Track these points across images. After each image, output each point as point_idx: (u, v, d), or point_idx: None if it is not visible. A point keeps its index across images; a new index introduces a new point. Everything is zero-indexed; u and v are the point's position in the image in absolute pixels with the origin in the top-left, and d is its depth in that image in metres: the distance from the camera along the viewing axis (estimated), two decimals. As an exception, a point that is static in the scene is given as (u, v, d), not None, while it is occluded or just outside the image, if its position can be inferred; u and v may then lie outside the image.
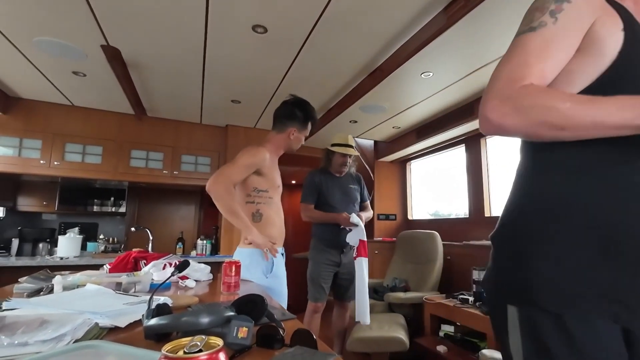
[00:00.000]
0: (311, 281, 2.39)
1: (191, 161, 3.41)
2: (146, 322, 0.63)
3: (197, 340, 0.32)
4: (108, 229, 4.30)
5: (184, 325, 0.62)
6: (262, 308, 0.78)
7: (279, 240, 1.62)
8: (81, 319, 0.63)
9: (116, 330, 0.73)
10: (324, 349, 0.65)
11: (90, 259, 2.70)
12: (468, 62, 2.11)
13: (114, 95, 2.70)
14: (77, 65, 2.22)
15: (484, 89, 2.60)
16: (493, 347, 1.86)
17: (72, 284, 1.03)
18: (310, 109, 1.64)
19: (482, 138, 3.06)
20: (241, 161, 1.46)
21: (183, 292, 1.30)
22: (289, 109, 1.61)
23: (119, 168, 3.08)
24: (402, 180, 4.17)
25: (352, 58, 2.10)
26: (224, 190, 1.40)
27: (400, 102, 2.81)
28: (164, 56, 2.10)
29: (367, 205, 2.60)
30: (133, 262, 1.64)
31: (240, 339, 0.62)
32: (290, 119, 1.60)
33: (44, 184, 3.74)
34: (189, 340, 0.32)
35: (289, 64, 2.19)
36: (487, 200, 2.99)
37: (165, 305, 0.71)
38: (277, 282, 1.53)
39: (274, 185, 1.59)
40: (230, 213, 1.42)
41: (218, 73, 2.33)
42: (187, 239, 3.70)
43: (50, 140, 2.86)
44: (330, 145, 2.43)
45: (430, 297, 2.47)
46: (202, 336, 0.32)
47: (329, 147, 2.45)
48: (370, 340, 2.23)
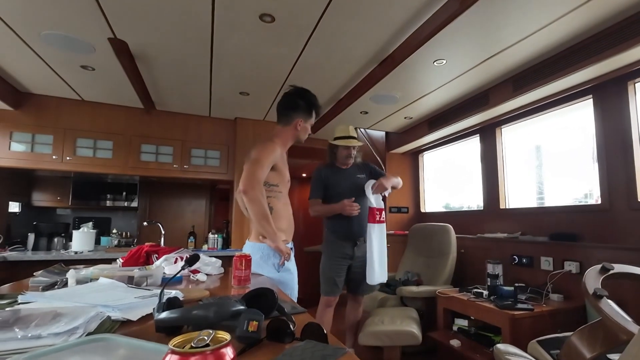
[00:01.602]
0: (324, 275, 2.40)
1: (201, 155, 3.44)
2: (157, 316, 0.64)
3: (205, 334, 0.31)
4: (121, 223, 4.40)
5: (194, 319, 0.63)
6: (272, 302, 0.78)
7: (289, 233, 1.63)
8: (94, 312, 0.64)
9: (128, 323, 0.74)
10: (334, 343, 0.65)
11: (103, 253, 2.77)
12: (483, 48, 2.05)
13: (122, 89, 2.73)
14: (85, 59, 2.24)
15: (499, 76, 2.54)
16: (508, 341, 1.83)
17: (85, 278, 1.05)
18: (312, 97, 1.63)
19: (497, 127, 2.99)
20: (265, 161, 1.45)
21: (194, 285, 1.32)
22: (291, 100, 1.60)
23: (129, 162, 3.13)
24: (414, 172, 4.12)
25: (362, 46, 2.06)
26: (261, 194, 1.40)
27: (412, 92, 2.76)
28: (171, 48, 2.10)
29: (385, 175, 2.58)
30: (145, 256, 1.67)
31: (250, 333, 0.62)
32: (294, 110, 1.60)
33: (57, 180, 3.84)
34: (197, 334, 0.32)
35: (297, 53, 2.16)
36: (502, 192, 2.93)
37: (176, 299, 0.72)
38: (288, 276, 1.54)
39: (284, 179, 1.60)
40: (263, 217, 1.41)
41: (226, 64, 2.33)
42: (198, 233, 3.75)
43: (61, 136, 2.92)
44: (333, 139, 2.43)
45: (444, 290, 2.45)
46: (209, 330, 0.32)
47: (331, 142, 2.44)
48: (383, 334, 2.24)
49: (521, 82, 2.33)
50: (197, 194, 4.52)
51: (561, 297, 2.14)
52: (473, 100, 2.78)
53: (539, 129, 2.73)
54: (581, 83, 2.12)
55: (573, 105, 2.40)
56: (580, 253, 2.15)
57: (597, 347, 1.20)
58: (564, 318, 1.96)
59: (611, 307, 1.19)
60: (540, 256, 2.37)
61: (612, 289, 1.51)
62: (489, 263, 2.43)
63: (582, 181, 2.41)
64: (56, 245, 2.95)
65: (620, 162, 2.06)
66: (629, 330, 1.07)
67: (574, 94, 2.27)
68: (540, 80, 2.18)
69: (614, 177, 2.09)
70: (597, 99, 2.21)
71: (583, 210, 2.28)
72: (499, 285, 2.23)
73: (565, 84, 2.15)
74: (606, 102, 2.15)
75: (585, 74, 2.01)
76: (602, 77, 2.01)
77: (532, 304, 2.01)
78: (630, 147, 2.01)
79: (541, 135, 2.72)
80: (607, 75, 1.99)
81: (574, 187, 2.47)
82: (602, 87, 2.14)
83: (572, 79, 2.07)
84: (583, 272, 1.38)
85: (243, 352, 0.60)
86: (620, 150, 2.06)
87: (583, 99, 2.30)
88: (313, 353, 0.46)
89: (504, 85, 2.48)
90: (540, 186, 2.74)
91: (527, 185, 2.81)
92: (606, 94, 2.14)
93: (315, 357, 0.45)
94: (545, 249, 2.36)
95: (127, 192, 4.26)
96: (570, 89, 2.19)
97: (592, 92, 2.21)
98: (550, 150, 2.65)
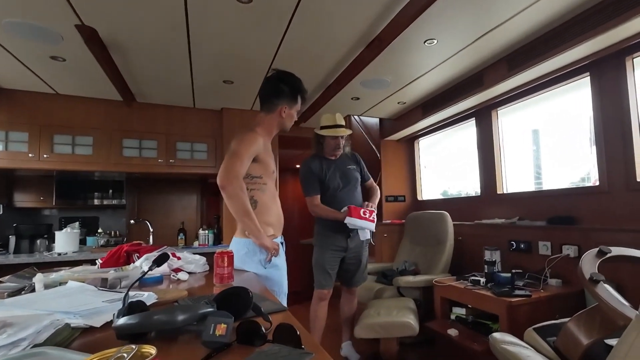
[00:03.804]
0: (317, 268, 2.38)
1: (187, 148, 3.37)
2: (115, 322, 0.60)
3: (126, 350, 0.28)
4: (110, 222, 4.35)
5: (156, 324, 0.60)
6: (246, 301, 0.74)
7: (277, 227, 1.58)
8: (47, 321, 0.61)
9: (91, 330, 0.71)
10: (309, 342, 0.62)
11: (89, 254, 2.73)
12: (475, 25, 1.99)
13: (98, 81, 2.65)
14: (54, 49, 2.15)
15: (493, 55, 2.48)
16: (505, 328, 1.83)
17: (54, 282, 1.01)
18: (296, 80, 1.55)
19: (493, 110, 2.95)
20: (244, 153, 1.40)
21: (176, 285, 1.29)
22: (273, 85, 1.53)
23: (111, 159, 3.07)
24: (410, 159, 4.09)
25: (347, 28, 2.00)
26: (240, 189, 1.35)
27: (404, 75, 2.70)
28: (144, 35, 2.02)
29: (370, 183, 2.53)
30: (125, 255, 1.64)
31: (218, 337, 0.59)
32: (278, 96, 1.52)
33: (39, 179, 3.77)
34: (116, 350, 0.28)
35: (280, 37, 2.09)
36: (499, 177, 2.91)
37: (139, 302, 0.68)
38: (275, 273, 1.50)
39: (268, 170, 1.54)
40: (244, 213, 1.37)
41: (205, 51, 2.26)
42: (189, 230, 3.72)
43: (37, 132, 2.84)
44: (319, 129, 2.35)
45: (441, 279, 2.44)
46: (132, 345, 0.29)
47: (316, 132, 2.36)
48: (378, 326, 2.23)
49: (516, 61, 2.28)
50: (188, 189, 4.47)
51: (559, 282, 2.14)
52: (467, 82, 2.73)
53: (535, 113, 2.70)
54: (578, 60, 2.07)
55: (570, 84, 2.36)
56: (579, 236, 2.14)
57: (595, 333, 1.19)
58: (563, 303, 1.96)
59: (608, 292, 1.17)
60: (538, 241, 2.36)
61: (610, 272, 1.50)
62: (487, 250, 2.42)
63: (580, 164, 2.39)
64: (39, 247, 2.91)
65: (619, 141, 2.03)
66: (626, 316, 1.05)
67: (571, 72, 2.22)
68: (536, 58, 2.13)
69: (613, 158, 2.06)
70: (594, 76, 2.17)
71: (581, 192, 2.27)
72: (496, 272, 2.22)
73: (561, 62, 2.11)
74: (604, 79, 2.11)
75: (581, 50, 1.96)
76: (600, 53, 1.97)
77: (530, 290, 2.00)
78: (628, 125, 1.98)
79: (538, 119, 2.69)
80: (605, 51, 1.94)
81: (571, 170, 2.45)
82: (599, 63, 2.10)
83: (568, 55, 2.02)
84: (581, 256, 1.36)
85: (209, 358, 0.57)
86: (618, 129, 2.03)
87: (580, 77, 2.26)
88: (276, 359, 0.43)
89: (498, 65, 2.43)
90: (538, 170, 2.72)
91: (525, 170, 2.79)
92: (604, 71, 2.10)
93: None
94: (543, 233, 2.35)
95: (114, 189, 4.20)
96: (567, 67, 2.15)
97: (589, 69, 2.17)
98: (547, 133, 2.63)
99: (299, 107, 1.61)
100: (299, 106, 1.61)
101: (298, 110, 1.62)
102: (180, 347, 0.63)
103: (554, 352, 1.34)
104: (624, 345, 0.95)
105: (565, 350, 1.27)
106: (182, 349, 0.62)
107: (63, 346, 0.57)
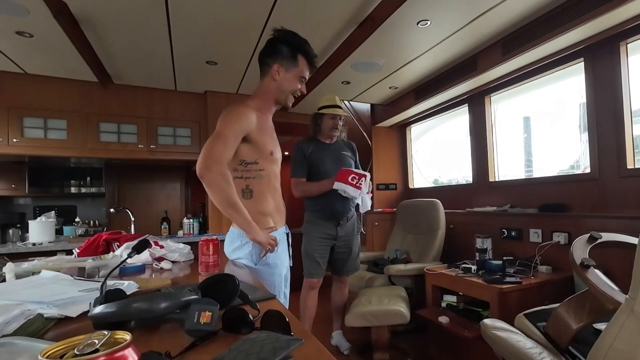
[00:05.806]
0: (306, 256, 2.38)
1: (169, 133, 3.29)
2: (92, 311, 0.58)
3: (97, 337, 0.26)
4: (88, 211, 4.25)
5: (135, 312, 0.58)
6: (233, 289, 0.73)
7: (278, 218, 1.42)
8: (17, 311, 0.58)
9: (67, 320, 0.68)
10: (299, 329, 0.61)
11: (66, 244, 2.66)
12: (470, 5, 1.97)
13: (71, 60, 2.53)
14: (19, 24, 2.03)
15: (488, 38, 2.46)
16: (496, 315, 1.88)
17: (26, 272, 0.98)
18: (297, 38, 1.35)
19: (486, 96, 2.95)
20: (227, 132, 1.22)
21: (158, 275, 1.27)
22: (269, 43, 1.36)
23: (87, 144, 2.97)
24: (402, 146, 4.09)
25: (337, 6, 1.95)
26: (221, 177, 1.17)
27: (396, 58, 2.67)
28: (119, 10, 1.93)
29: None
30: (105, 244, 1.60)
31: (202, 325, 0.58)
32: (271, 55, 1.33)
33: (9, 165, 3.64)
34: (85, 337, 0.26)
35: (265, 16, 2.03)
36: (492, 164, 2.94)
37: (118, 290, 0.66)
38: (265, 271, 1.35)
39: (265, 153, 1.34)
40: (228, 205, 1.19)
41: (186, 29, 2.18)
42: (173, 219, 3.66)
43: (4, 115, 2.71)
44: (318, 109, 2.37)
45: (432, 267, 2.48)
46: (104, 332, 0.27)
47: (316, 112, 2.39)
48: (370, 314, 2.26)
49: (511, 45, 2.27)
50: (171, 176, 4.39)
51: (550, 268, 2.19)
52: (461, 67, 2.72)
53: (526, 100, 2.73)
54: (572, 44, 2.08)
55: (561, 71, 2.38)
56: (570, 223, 2.19)
57: (584, 317, 1.22)
58: (552, 290, 2.02)
59: (598, 277, 1.20)
60: (530, 228, 2.41)
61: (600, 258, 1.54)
62: (478, 237, 2.46)
63: (569, 152, 2.43)
64: (11, 237, 2.82)
65: (611, 128, 2.06)
66: (616, 300, 1.09)
67: (565, 57, 2.24)
68: (531, 42, 2.13)
69: (604, 144, 2.10)
70: (588, 62, 2.18)
71: (572, 180, 2.31)
72: (487, 260, 2.26)
73: (556, 46, 2.11)
74: (598, 64, 2.13)
75: (576, 34, 1.97)
76: (594, 38, 1.98)
77: (521, 277, 2.05)
78: (620, 111, 2.01)
79: (529, 107, 2.72)
80: (599, 36, 1.95)
81: (561, 158, 2.50)
82: (593, 48, 2.12)
83: (563, 39, 2.02)
84: (572, 243, 1.39)
85: (193, 347, 0.56)
86: (611, 115, 2.07)
87: (575, 62, 2.27)
88: (263, 346, 0.42)
89: (493, 49, 2.43)
90: (529, 158, 2.76)
91: (516, 158, 2.82)
92: (598, 56, 2.12)
93: (265, 350, 0.41)
94: (534, 220, 2.40)
95: (92, 177, 4.09)
96: (562, 51, 2.16)
97: (583, 54, 2.19)
98: (538, 121, 2.66)
99: (304, 71, 1.37)
100: (304, 71, 1.37)
101: (302, 77, 1.38)
102: (162, 337, 0.62)
103: (543, 337, 1.38)
104: (614, 327, 0.98)
105: (555, 335, 1.31)
106: (165, 338, 0.61)
107: (36, 337, 0.55)
